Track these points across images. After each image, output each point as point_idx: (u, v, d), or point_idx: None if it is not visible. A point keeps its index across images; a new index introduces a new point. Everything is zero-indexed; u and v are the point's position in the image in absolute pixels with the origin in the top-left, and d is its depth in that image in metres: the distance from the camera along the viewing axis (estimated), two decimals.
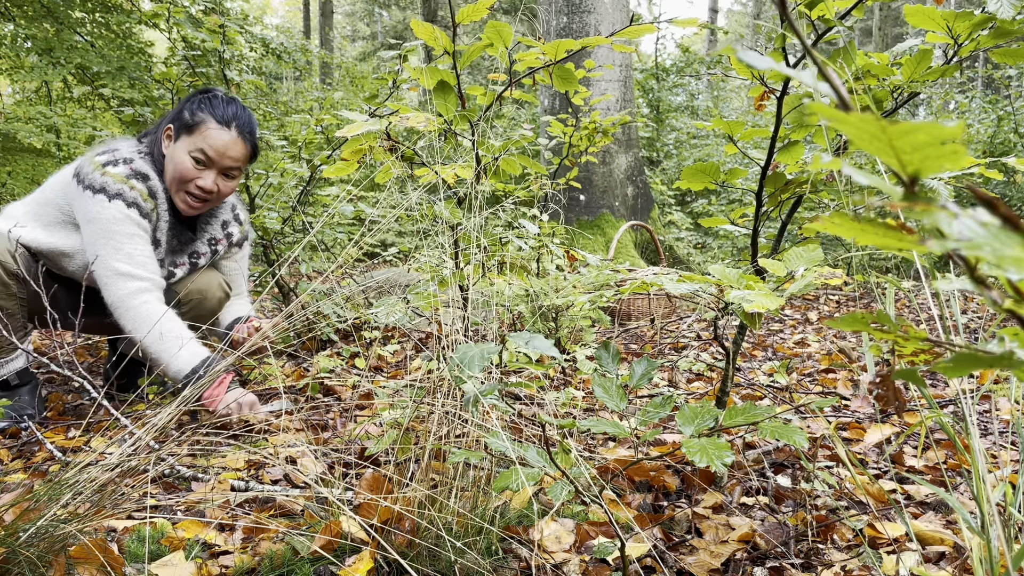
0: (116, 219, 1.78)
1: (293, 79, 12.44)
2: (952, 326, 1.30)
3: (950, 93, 8.29)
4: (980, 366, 0.42)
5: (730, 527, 1.23)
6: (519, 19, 12.23)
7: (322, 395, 2.11)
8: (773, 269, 1.16)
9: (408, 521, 1.07)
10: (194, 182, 1.85)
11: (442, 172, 1.48)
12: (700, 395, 2.18)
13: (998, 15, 1.13)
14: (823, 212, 1.46)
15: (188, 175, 1.84)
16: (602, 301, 2.19)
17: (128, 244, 1.80)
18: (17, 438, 1.81)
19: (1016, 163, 1.01)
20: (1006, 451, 1.56)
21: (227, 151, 1.85)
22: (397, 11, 22.88)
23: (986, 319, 3.14)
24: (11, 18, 5.77)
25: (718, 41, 17.52)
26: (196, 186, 1.86)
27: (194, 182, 1.85)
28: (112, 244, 1.78)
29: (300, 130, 4.92)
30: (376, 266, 5.48)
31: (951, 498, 0.89)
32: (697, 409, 1.07)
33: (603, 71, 3.58)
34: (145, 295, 1.78)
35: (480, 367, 0.90)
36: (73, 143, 6.03)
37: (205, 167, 1.85)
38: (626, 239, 5.07)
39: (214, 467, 1.54)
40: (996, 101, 6.93)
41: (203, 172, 1.85)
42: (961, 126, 0.32)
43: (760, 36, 20.45)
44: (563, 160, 3.19)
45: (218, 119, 1.83)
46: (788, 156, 1.38)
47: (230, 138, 1.85)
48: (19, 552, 0.95)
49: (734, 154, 1.49)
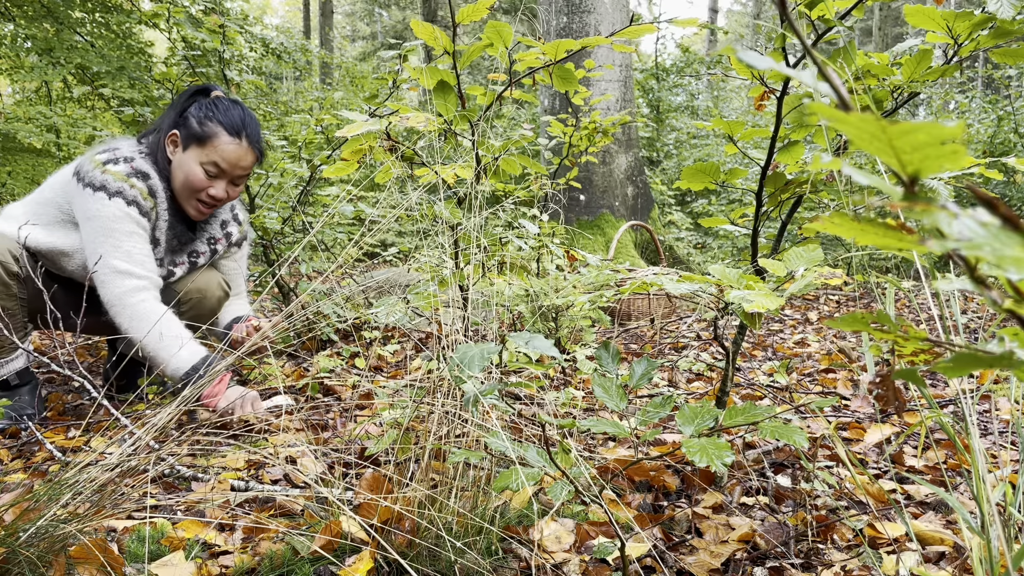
0: (116, 217, 1.79)
1: (293, 79, 12.44)
2: (952, 326, 1.30)
3: (950, 93, 8.30)
4: (980, 366, 0.42)
5: (730, 527, 1.23)
6: (519, 19, 12.23)
7: (322, 395, 2.11)
8: (773, 269, 1.16)
9: (408, 521, 1.07)
10: (206, 191, 1.89)
11: (442, 172, 1.48)
12: (700, 395, 2.18)
13: (998, 15, 1.13)
14: (823, 212, 1.47)
15: (200, 185, 1.87)
16: (602, 301, 2.20)
17: (127, 242, 1.80)
18: (17, 438, 1.81)
19: (1016, 163, 1.01)
20: (1006, 451, 1.56)
21: (239, 162, 1.89)
22: (397, 11, 22.89)
23: (986, 319, 3.14)
24: (11, 18, 5.77)
25: (718, 41, 17.52)
26: (208, 195, 1.90)
27: (206, 191, 1.89)
28: (111, 242, 1.79)
29: (300, 130, 4.92)
30: (376, 266, 5.48)
31: (951, 498, 0.89)
32: (697, 409, 1.07)
33: (603, 71, 3.58)
34: (143, 293, 1.78)
35: (480, 367, 0.90)
36: (73, 143, 6.03)
37: (216, 178, 1.89)
38: (626, 239, 5.07)
39: (214, 467, 1.54)
40: (996, 101, 6.93)
41: (214, 182, 1.89)
42: (961, 126, 0.32)
43: (760, 36, 20.46)
44: (563, 160, 3.19)
45: (229, 130, 1.85)
46: (788, 156, 1.38)
47: (242, 150, 1.88)
48: (19, 552, 0.95)
49: (734, 154, 1.49)
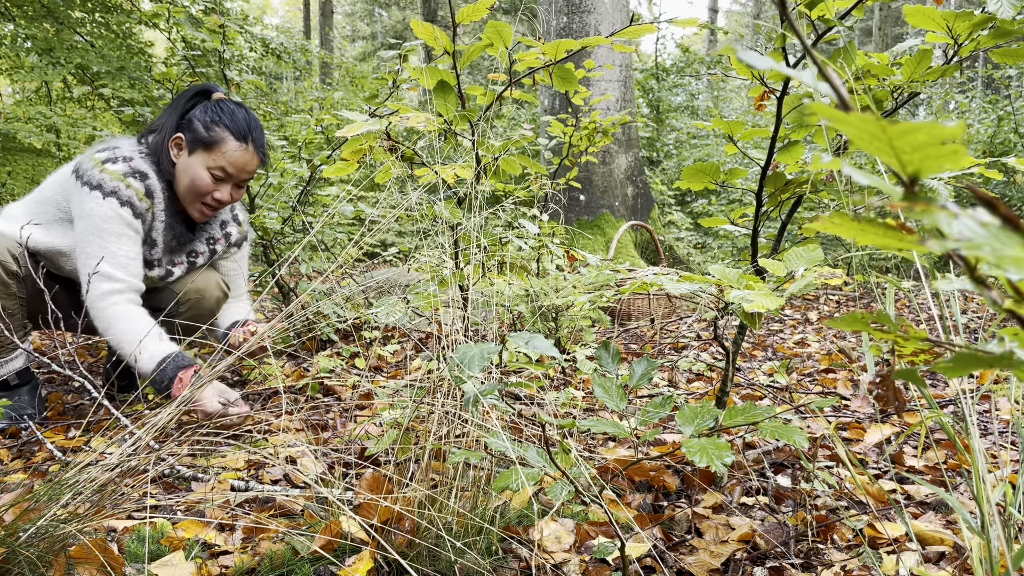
0: (107, 217, 1.79)
1: (293, 79, 12.44)
2: (952, 326, 1.30)
3: (950, 93, 8.29)
4: (980, 366, 0.42)
5: (730, 527, 1.23)
6: (519, 19, 12.23)
7: (322, 395, 2.11)
8: (773, 269, 1.16)
9: (408, 521, 1.07)
10: (211, 195, 1.90)
11: (442, 172, 1.48)
12: (700, 395, 2.18)
13: (998, 15, 1.13)
14: (823, 212, 1.47)
15: (206, 189, 1.88)
16: (602, 301, 2.19)
17: (114, 243, 1.80)
18: (17, 438, 1.81)
19: (1016, 163, 1.01)
20: (1006, 451, 1.56)
21: (245, 167, 1.90)
22: (397, 11, 22.89)
23: (986, 319, 3.14)
24: (11, 18, 5.77)
25: (718, 41, 17.52)
26: (213, 198, 1.91)
27: (211, 195, 1.90)
28: (99, 243, 1.79)
29: (300, 130, 4.92)
30: (376, 266, 5.48)
31: (951, 498, 0.89)
32: (697, 409, 1.07)
33: (603, 71, 3.58)
34: (115, 296, 1.79)
35: (480, 367, 0.90)
36: (73, 143, 6.03)
37: (222, 182, 1.90)
38: (626, 239, 5.07)
39: (214, 467, 1.54)
40: (996, 101, 6.93)
41: (220, 186, 1.90)
42: (961, 126, 0.32)
43: (760, 36, 20.46)
44: (563, 160, 3.19)
45: (236, 135, 1.86)
46: (788, 156, 1.38)
47: (248, 155, 1.89)
48: (19, 552, 0.95)
49: (734, 154, 1.49)
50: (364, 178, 5.22)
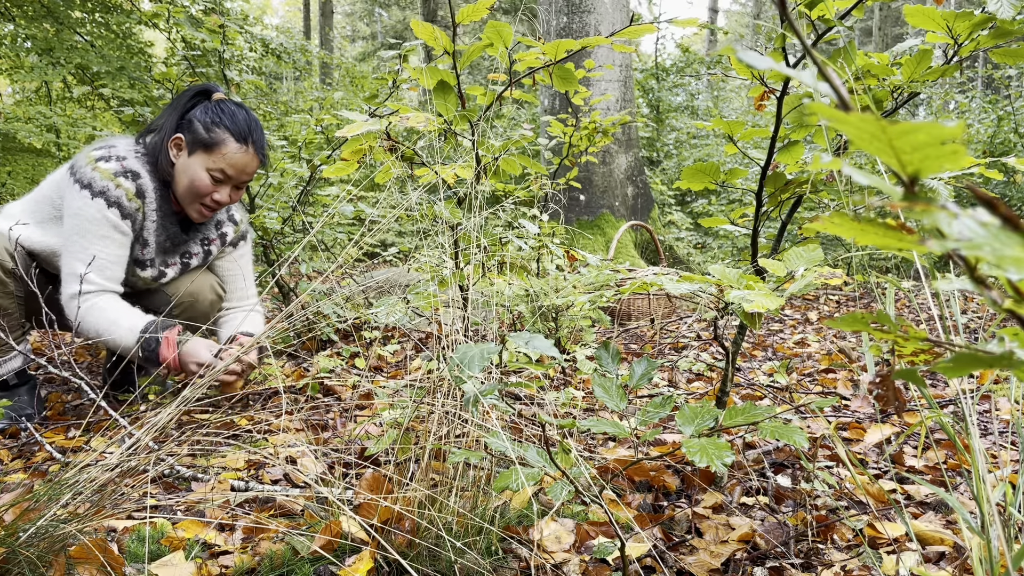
0: (93, 218, 1.79)
1: (293, 79, 12.44)
2: (952, 326, 1.30)
3: (950, 93, 8.29)
4: (980, 366, 0.42)
5: (730, 527, 1.23)
6: (519, 19, 12.23)
7: (322, 395, 2.11)
8: (773, 269, 1.16)
9: (408, 521, 1.07)
10: (211, 196, 1.90)
11: (442, 172, 1.48)
12: (700, 395, 2.18)
13: (998, 15, 1.13)
14: (823, 212, 1.46)
15: (206, 190, 1.88)
16: (602, 301, 2.19)
17: (96, 245, 1.80)
18: (17, 438, 1.81)
19: (1016, 163, 1.01)
20: (1006, 451, 1.56)
21: (246, 168, 1.90)
22: (397, 11, 22.89)
23: (986, 319, 3.14)
24: (11, 18, 5.77)
25: (718, 41, 17.52)
26: (212, 199, 1.91)
27: (211, 196, 1.90)
28: (82, 242, 1.79)
29: (300, 130, 4.92)
30: (376, 266, 5.48)
31: (951, 498, 0.89)
32: (697, 409, 1.07)
33: (603, 71, 3.58)
34: (87, 296, 1.79)
35: (480, 367, 0.90)
36: (73, 143, 6.03)
37: (222, 183, 1.90)
38: (626, 239, 5.07)
39: (214, 467, 1.54)
40: (996, 101, 6.93)
41: (219, 187, 1.90)
42: (961, 126, 0.32)
43: (760, 36, 20.45)
44: (563, 160, 3.19)
45: (237, 137, 1.86)
46: (788, 156, 1.38)
47: (249, 156, 1.89)
48: (19, 552, 0.95)
49: (734, 154, 1.49)
50: (364, 178, 5.22)
